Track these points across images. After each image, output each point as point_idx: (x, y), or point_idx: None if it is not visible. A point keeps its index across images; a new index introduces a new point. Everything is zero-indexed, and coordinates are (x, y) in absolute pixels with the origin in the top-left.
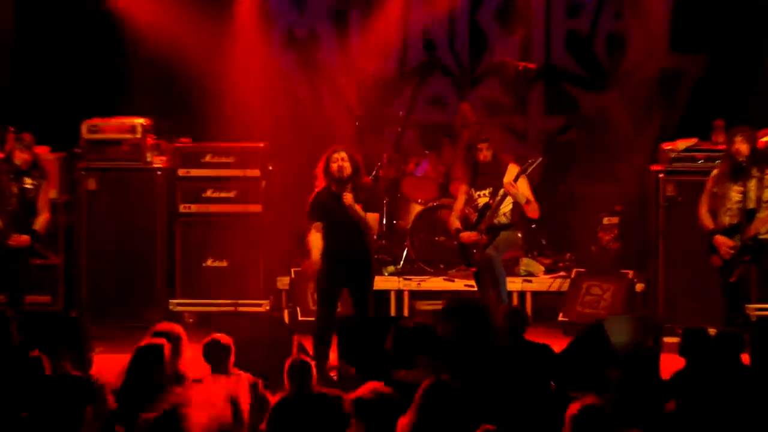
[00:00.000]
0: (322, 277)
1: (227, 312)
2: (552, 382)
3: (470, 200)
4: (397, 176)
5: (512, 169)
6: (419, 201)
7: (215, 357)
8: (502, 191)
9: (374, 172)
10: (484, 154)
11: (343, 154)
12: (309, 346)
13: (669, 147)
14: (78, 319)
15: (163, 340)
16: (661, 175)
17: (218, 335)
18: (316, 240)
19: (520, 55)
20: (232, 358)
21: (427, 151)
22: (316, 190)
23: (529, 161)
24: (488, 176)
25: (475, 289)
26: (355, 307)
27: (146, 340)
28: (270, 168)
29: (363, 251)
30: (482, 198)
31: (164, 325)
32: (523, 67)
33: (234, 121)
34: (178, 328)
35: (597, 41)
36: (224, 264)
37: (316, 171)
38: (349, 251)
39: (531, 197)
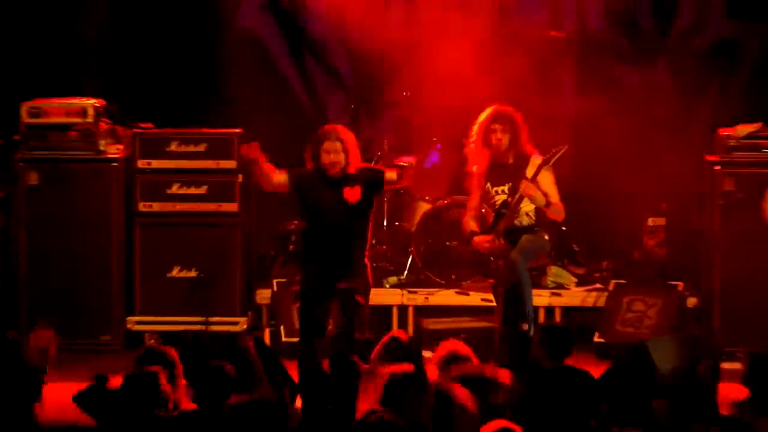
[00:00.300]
0: (305, 288)
1: (197, 331)
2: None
3: (487, 197)
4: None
5: (535, 162)
6: (427, 198)
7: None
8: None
9: (372, 163)
10: (498, 137)
11: (337, 146)
12: (294, 371)
13: (727, 133)
14: (17, 340)
15: (157, 368)
16: (717, 167)
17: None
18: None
19: (547, 23)
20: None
21: (435, 139)
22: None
23: (552, 151)
24: (507, 168)
25: (494, 304)
26: (345, 325)
27: (135, 369)
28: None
29: (357, 255)
30: (500, 195)
31: (154, 348)
32: (552, 36)
33: (206, 105)
34: (172, 352)
35: (641, 5)
36: (193, 274)
37: (304, 154)
38: (339, 253)
39: (555, 195)
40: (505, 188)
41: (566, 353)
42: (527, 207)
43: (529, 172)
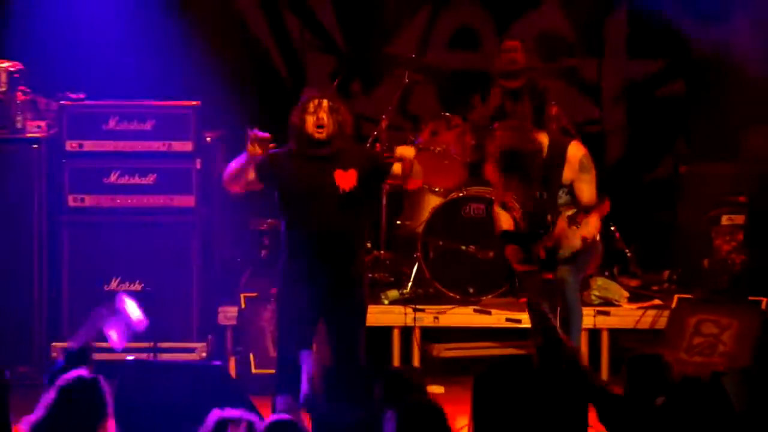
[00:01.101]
0: (285, 304)
1: (142, 360)
2: None
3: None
4: None
5: (576, 150)
6: (436, 190)
7: None
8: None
9: (367, 145)
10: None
11: (325, 104)
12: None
13: None
14: None
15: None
16: None
17: None
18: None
19: None
20: None
21: (447, 114)
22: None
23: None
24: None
25: (523, 325)
26: (335, 351)
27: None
28: (208, 140)
29: (351, 262)
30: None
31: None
32: None
33: (156, 73)
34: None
35: None
36: (137, 288)
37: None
38: (328, 258)
39: (593, 195)
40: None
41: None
42: (566, 209)
43: (574, 152)
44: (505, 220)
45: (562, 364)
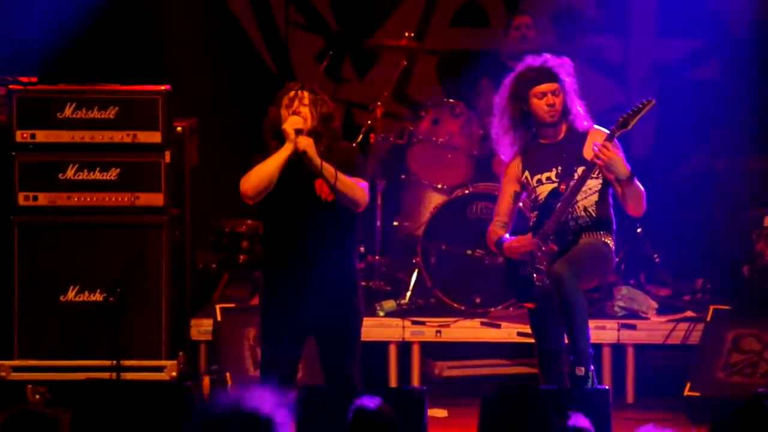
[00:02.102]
0: (268, 318)
1: (102, 381)
2: None
3: (527, 189)
4: (400, 143)
5: (597, 134)
6: (438, 186)
7: None
8: (581, 170)
9: (360, 136)
10: (549, 103)
11: (306, 97)
12: None
13: None
14: None
15: None
16: None
17: None
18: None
19: None
20: None
21: (451, 100)
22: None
23: (635, 108)
24: (555, 148)
25: (533, 339)
26: (326, 371)
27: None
28: (179, 129)
29: (341, 270)
30: (546, 184)
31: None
32: None
33: (121, 55)
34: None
35: None
36: (98, 298)
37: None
38: (316, 269)
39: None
40: (552, 175)
41: None
42: (586, 200)
43: (592, 143)
44: (499, 232)
45: None
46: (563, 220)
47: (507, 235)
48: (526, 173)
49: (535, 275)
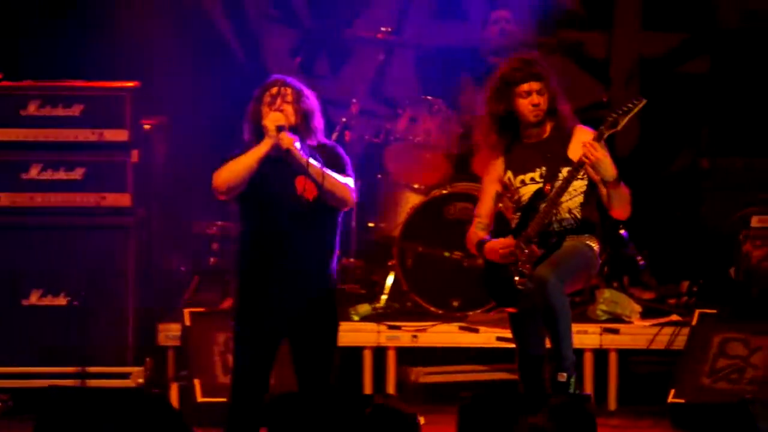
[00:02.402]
0: (242, 321)
1: (67, 388)
2: None
3: (507, 189)
4: (376, 142)
5: (583, 134)
6: (415, 186)
7: None
8: (565, 171)
9: (334, 135)
10: (534, 102)
11: (289, 93)
12: None
13: None
14: None
15: None
16: None
17: None
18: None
19: None
20: None
21: (429, 98)
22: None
23: (625, 107)
24: (539, 147)
25: (513, 345)
26: (300, 376)
27: None
28: (147, 127)
29: (321, 272)
30: (529, 185)
31: None
32: None
33: (86, 50)
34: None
35: None
36: (62, 302)
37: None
38: (294, 271)
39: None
40: (536, 176)
41: None
42: (571, 201)
43: (577, 149)
44: (479, 234)
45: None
46: (547, 222)
47: (488, 237)
48: (509, 173)
49: (517, 279)
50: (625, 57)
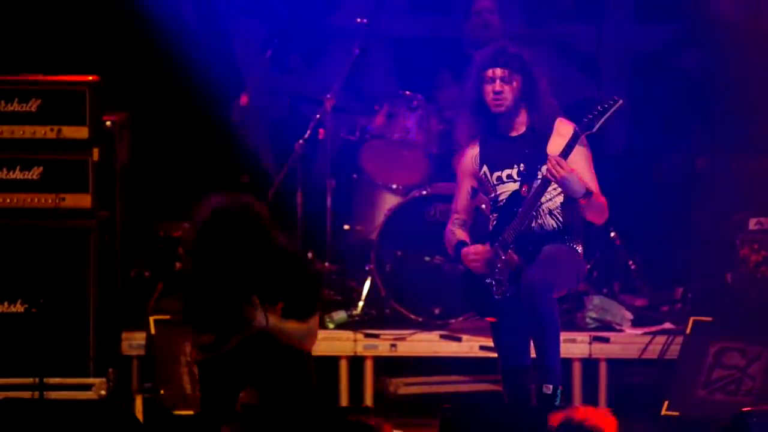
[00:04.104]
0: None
1: (22, 400)
2: None
3: (485, 187)
4: (352, 139)
5: (564, 127)
6: (393, 187)
7: None
8: (544, 168)
9: (308, 132)
10: (496, 89)
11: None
12: None
13: None
14: None
15: None
16: None
17: None
18: None
19: None
20: None
21: (408, 93)
22: None
23: (600, 108)
24: (516, 142)
25: (496, 354)
26: (276, 391)
27: None
28: (109, 124)
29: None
30: (507, 183)
31: None
32: None
33: (47, 45)
34: None
35: None
36: (18, 309)
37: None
38: None
39: (593, 183)
40: (514, 173)
41: None
42: (552, 202)
43: (557, 144)
44: (458, 233)
45: None
46: (525, 226)
47: (466, 239)
48: (485, 168)
49: (495, 287)
50: (615, 51)
